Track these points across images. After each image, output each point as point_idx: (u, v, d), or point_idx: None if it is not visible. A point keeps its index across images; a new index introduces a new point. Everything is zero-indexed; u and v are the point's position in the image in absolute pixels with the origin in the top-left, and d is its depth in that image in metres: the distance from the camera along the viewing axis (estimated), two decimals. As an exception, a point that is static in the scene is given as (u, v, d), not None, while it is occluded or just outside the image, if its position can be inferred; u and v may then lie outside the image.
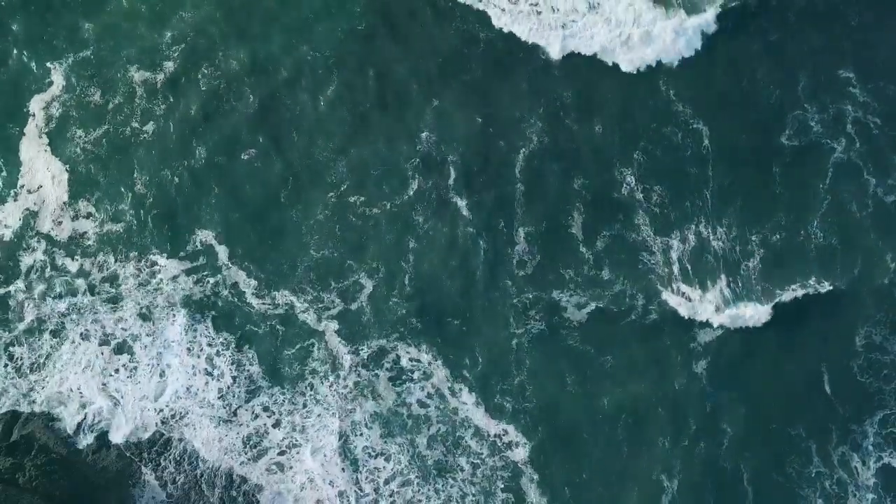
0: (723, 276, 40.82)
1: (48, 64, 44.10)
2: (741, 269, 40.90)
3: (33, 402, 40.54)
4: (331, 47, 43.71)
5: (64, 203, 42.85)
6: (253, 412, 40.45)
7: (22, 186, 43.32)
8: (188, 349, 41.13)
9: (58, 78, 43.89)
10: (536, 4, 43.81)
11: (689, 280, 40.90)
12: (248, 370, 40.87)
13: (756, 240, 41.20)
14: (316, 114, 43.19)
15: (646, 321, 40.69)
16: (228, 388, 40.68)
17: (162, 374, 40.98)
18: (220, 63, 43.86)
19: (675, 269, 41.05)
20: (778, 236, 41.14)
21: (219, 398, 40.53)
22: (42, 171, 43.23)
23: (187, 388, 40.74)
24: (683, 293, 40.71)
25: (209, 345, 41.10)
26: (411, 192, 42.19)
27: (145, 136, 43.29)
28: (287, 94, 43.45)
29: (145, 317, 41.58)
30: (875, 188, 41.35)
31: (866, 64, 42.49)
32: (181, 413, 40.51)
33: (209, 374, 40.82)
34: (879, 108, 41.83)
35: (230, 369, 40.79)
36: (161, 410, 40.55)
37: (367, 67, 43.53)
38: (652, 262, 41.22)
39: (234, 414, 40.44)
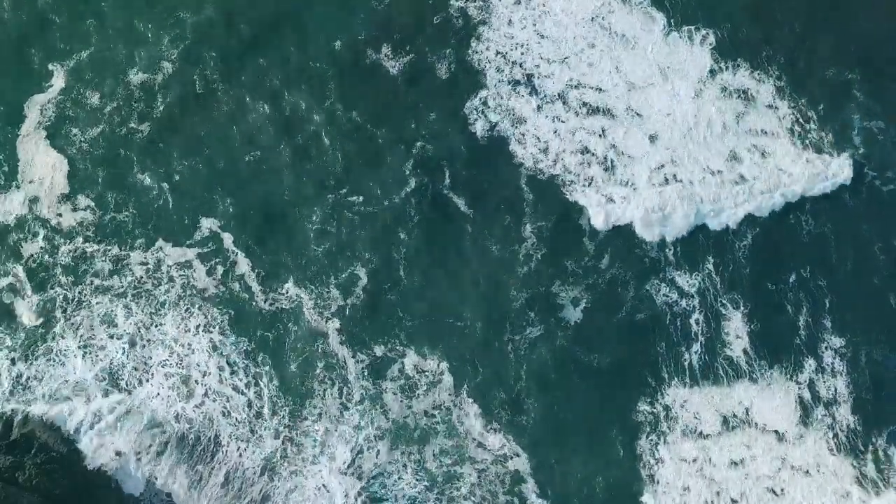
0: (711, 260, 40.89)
1: (49, 66, 44.36)
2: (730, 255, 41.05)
3: (34, 400, 40.26)
4: (331, 52, 44.14)
5: (63, 194, 42.87)
6: (261, 419, 40.15)
7: (23, 175, 43.31)
8: (190, 344, 41.13)
9: (58, 79, 44.16)
10: None
11: (681, 268, 40.92)
12: (256, 378, 40.64)
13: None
14: (318, 115, 43.54)
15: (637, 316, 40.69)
16: (236, 395, 40.47)
17: (168, 377, 40.84)
18: (218, 66, 44.23)
19: (670, 254, 41.17)
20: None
21: (226, 402, 40.43)
22: (42, 162, 43.34)
23: (194, 390, 40.64)
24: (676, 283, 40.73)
25: (213, 347, 41.08)
26: (409, 191, 42.26)
27: (140, 134, 43.55)
28: (287, 94, 43.88)
29: (147, 315, 41.60)
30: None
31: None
32: (188, 416, 40.38)
33: (217, 379, 40.70)
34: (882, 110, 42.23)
35: (240, 377, 40.66)
36: (166, 414, 40.44)
37: (367, 70, 43.88)
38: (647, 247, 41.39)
39: (244, 422, 40.19)
